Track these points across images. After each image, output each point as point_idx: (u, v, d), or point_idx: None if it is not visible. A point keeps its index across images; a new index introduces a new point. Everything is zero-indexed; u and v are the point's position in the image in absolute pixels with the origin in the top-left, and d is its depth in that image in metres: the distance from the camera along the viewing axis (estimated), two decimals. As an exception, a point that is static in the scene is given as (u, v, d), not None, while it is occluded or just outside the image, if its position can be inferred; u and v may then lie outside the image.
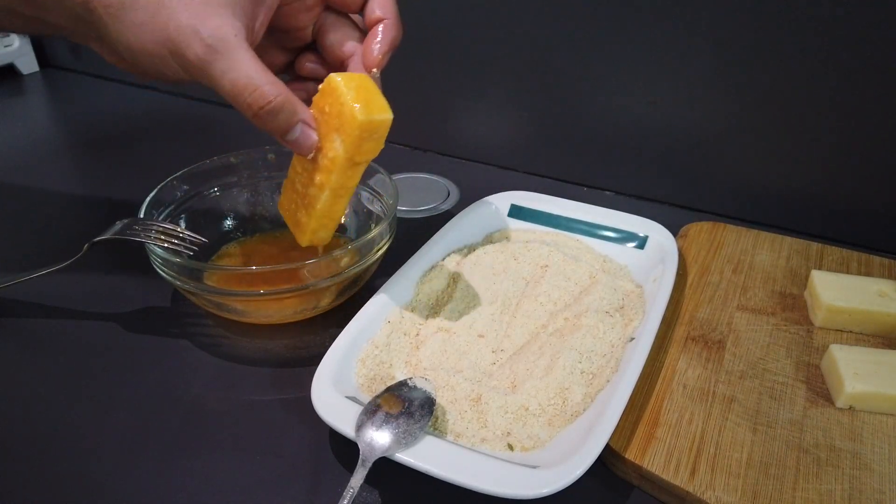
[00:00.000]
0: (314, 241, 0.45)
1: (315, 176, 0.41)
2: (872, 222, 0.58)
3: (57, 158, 0.78)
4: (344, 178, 0.41)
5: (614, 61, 0.62)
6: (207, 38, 0.35)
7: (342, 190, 0.42)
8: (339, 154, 0.39)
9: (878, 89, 0.53)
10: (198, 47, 0.35)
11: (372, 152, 0.40)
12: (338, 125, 0.38)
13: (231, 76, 0.36)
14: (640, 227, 0.55)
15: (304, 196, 0.43)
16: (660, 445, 0.38)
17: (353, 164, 0.40)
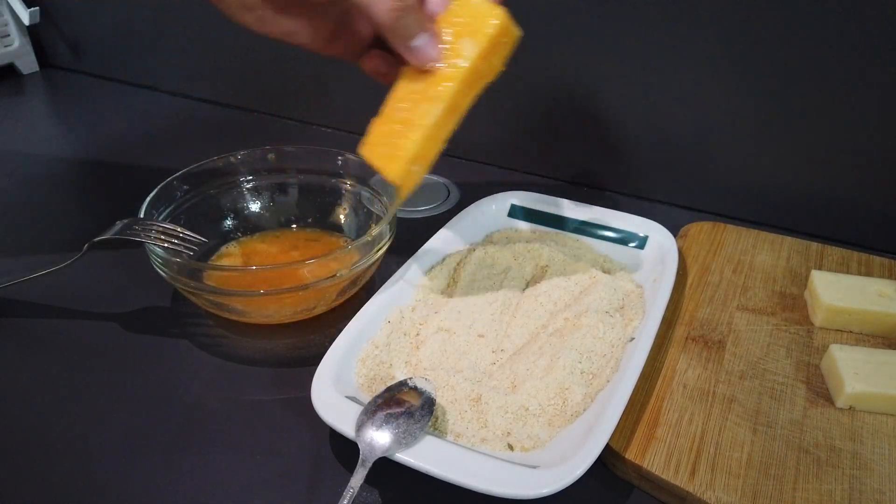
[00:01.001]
0: (406, 178, 0.42)
1: (431, 89, 0.40)
2: (872, 222, 0.58)
3: (57, 158, 0.78)
4: (462, 92, 0.40)
5: (615, 61, 0.62)
6: None
7: (456, 108, 0.40)
8: (468, 58, 0.38)
9: (878, 89, 0.53)
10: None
11: (493, 71, 0.40)
12: (472, 30, 0.38)
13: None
14: (640, 227, 0.55)
15: (409, 119, 0.40)
16: (660, 445, 0.38)
17: (475, 78, 0.40)
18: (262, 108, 0.86)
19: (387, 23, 0.37)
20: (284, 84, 0.83)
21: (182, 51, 0.89)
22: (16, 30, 0.95)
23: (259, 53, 0.82)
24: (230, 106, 0.88)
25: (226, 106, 0.88)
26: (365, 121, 0.82)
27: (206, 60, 0.88)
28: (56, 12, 0.96)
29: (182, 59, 0.89)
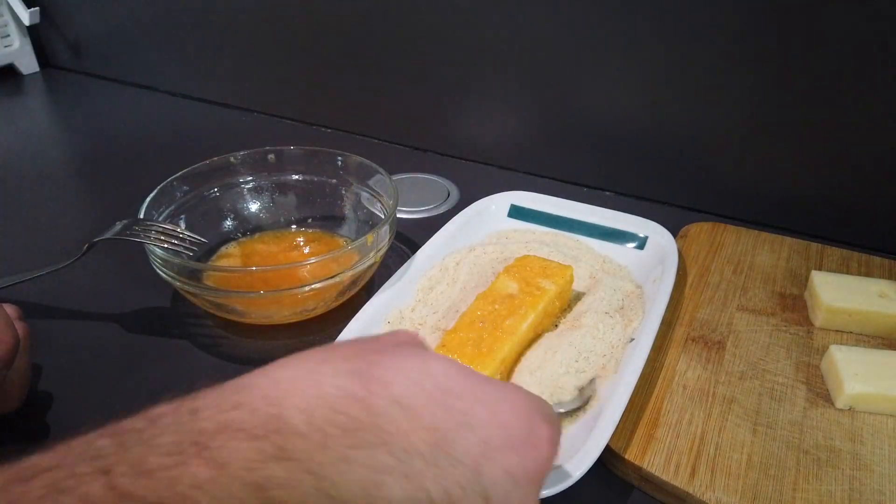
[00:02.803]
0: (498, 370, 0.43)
1: (520, 308, 0.43)
2: (872, 222, 0.58)
3: (57, 159, 0.79)
4: (546, 312, 0.45)
5: (614, 61, 0.62)
6: None
7: (539, 325, 0.45)
8: (551, 289, 0.45)
9: (878, 89, 0.53)
10: None
11: (562, 305, 0.48)
12: (549, 274, 0.46)
13: None
14: (640, 228, 0.55)
15: (495, 330, 0.42)
16: (660, 446, 0.38)
17: (554, 304, 0.46)
18: (262, 108, 0.86)
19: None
20: (284, 84, 0.83)
21: (182, 51, 0.89)
22: (16, 30, 0.95)
23: (259, 53, 0.82)
24: (230, 106, 0.88)
25: (226, 106, 0.88)
26: (365, 121, 0.83)
27: (206, 60, 0.88)
28: (56, 12, 0.96)
29: (182, 59, 0.89)
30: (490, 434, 0.22)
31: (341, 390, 0.20)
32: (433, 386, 0.22)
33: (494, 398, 0.23)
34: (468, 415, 0.22)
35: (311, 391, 0.20)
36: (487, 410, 0.23)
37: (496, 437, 0.22)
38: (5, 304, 0.39)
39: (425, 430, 0.21)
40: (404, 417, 0.21)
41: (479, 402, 0.23)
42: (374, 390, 0.21)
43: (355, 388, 0.21)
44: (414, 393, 0.21)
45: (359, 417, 0.20)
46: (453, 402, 0.22)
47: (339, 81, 0.78)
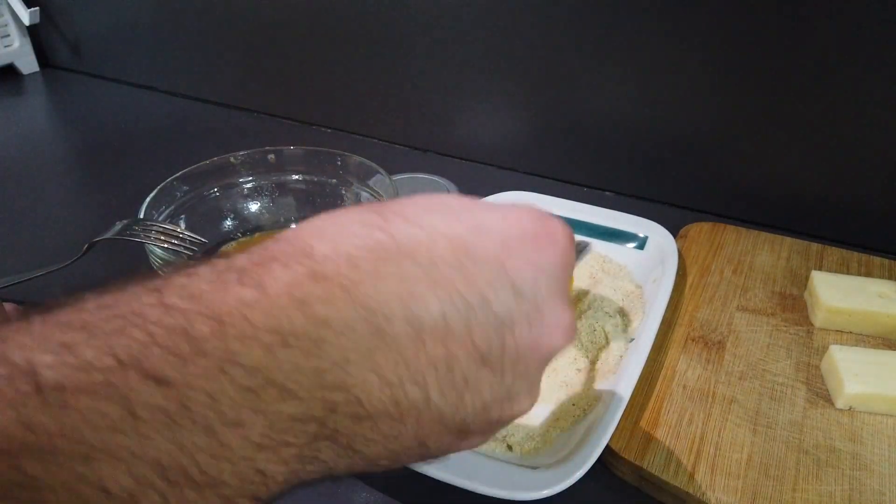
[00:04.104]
0: None
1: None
2: (872, 222, 0.58)
3: (57, 158, 0.78)
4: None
5: (614, 61, 0.62)
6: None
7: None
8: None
9: (878, 89, 0.53)
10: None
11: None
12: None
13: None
14: (640, 228, 0.55)
15: None
16: (660, 446, 0.38)
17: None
18: (262, 108, 0.86)
19: None
20: (284, 84, 0.83)
21: (182, 51, 0.89)
22: (16, 30, 0.95)
23: (259, 53, 0.82)
24: (230, 106, 0.88)
25: (226, 106, 0.88)
26: (365, 121, 0.83)
27: (206, 60, 0.88)
28: (56, 12, 0.96)
29: (182, 59, 0.89)
30: (506, 234, 0.23)
31: (359, 222, 0.21)
32: (444, 206, 0.23)
33: (501, 207, 0.24)
34: (481, 222, 0.23)
35: (332, 228, 0.21)
36: (497, 217, 0.23)
37: (512, 236, 0.23)
38: (5, 304, 0.39)
39: (445, 238, 0.21)
40: (423, 233, 0.21)
41: (489, 211, 0.24)
42: (390, 218, 0.22)
43: (372, 218, 0.22)
44: (426, 213, 0.22)
45: (380, 239, 0.21)
46: (465, 215, 0.23)
47: (339, 81, 0.78)
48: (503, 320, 0.22)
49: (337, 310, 0.19)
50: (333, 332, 0.18)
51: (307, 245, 0.20)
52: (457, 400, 0.21)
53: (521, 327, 0.22)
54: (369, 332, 0.19)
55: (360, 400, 0.19)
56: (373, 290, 0.19)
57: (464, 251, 0.21)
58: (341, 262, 0.20)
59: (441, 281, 0.21)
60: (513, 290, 0.22)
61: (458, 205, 0.24)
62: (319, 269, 0.19)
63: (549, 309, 0.23)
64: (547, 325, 0.23)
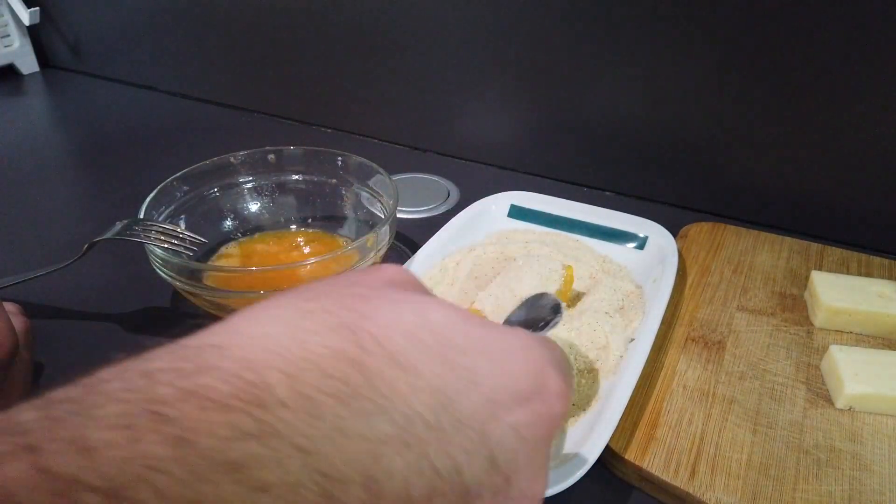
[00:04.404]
0: None
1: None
2: (872, 222, 0.58)
3: (57, 158, 0.79)
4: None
5: (614, 61, 0.62)
6: None
7: None
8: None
9: (878, 89, 0.53)
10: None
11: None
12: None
13: None
14: (639, 228, 0.55)
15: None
16: (660, 446, 0.38)
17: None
18: (262, 108, 0.86)
19: None
20: (284, 84, 0.83)
21: (182, 51, 0.89)
22: (16, 30, 0.95)
23: (259, 53, 0.82)
24: (230, 106, 0.88)
25: (226, 106, 0.88)
26: (365, 121, 0.83)
27: (206, 60, 0.88)
28: (56, 12, 0.96)
29: (182, 59, 0.89)
30: (496, 389, 0.20)
31: (330, 349, 0.18)
32: (433, 340, 0.20)
33: (501, 348, 0.21)
34: (472, 370, 0.20)
35: (294, 351, 0.17)
36: (493, 363, 0.21)
37: (503, 393, 0.20)
38: (5, 302, 0.39)
39: (427, 392, 0.19)
40: (403, 378, 0.18)
41: (483, 354, 0.21)
42: (368, 347, 0.18)
43: (346, 346, 0.18)
44: (412, 349, 0.19)
45: (352, 381, 0.17)
46: (456, 358, 0.20)
47: (339, 81, 0.78)
48: (468, 491, 0.19)
49: (283, 473, 0.15)
50: (273, 497, 0.15)
51: (260, 379, 0.16)
52: None
53: (485, 500, 0.20)
54: (316, 498, 0.16)
55: None
56: (332, 451, 0.16)
57: (446, 408, 0.19)
58: (300, 413, 0.16)
59: (413, 444, 0.18)
60: (488, 461, 0.19)
61: (450, 336, 0.20)
62: (270, 421, 0.15)
63: (519, 482, 0.21)
64: (511, 500, 0.21)
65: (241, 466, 0.14)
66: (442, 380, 0.19)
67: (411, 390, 0.18)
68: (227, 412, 0.15)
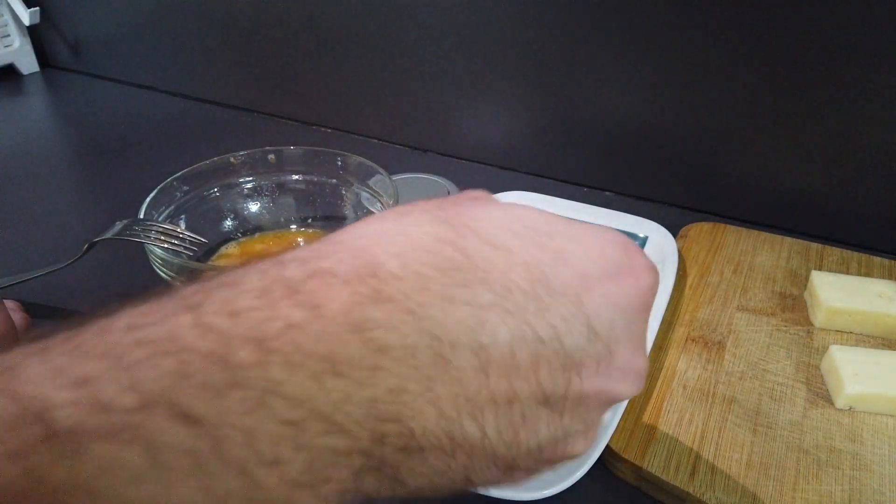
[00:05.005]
0: None
1: None
2: (872, 222, 0.58)
3: (57, 158, 0.78)
4: None
5: (614, 61, 0.62)
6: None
7: None
8: None
9: (878, 89, 0.53)
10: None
11: None
12: None
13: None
14: (640, 228, 0.55)
15: None
16: (659, 446, 0.38)
17: None
18: (262, 108, 0.86)
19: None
20: (284, 84, 0.83)
21: (182, 51, 0.89)
22: (16, 30, 0.95)
23: (259, 53, 0.82)
24: (230, 106, 0.88)
25: (226, 106, 0.88)
26: (365, 121, 0.83)
27: (206, 60, 0.88)
28: (56, 12, 0.96)
29: (182, 59, 0.89)
30: (586, 266, 0.21)
31: (432, 235, 0.20)
32: (522, 227, 0.21)
33: (585, 234, 0.23)
34: (562, 251, 0.21)
35: (400, 239, 0.19)
36: (581, 245, 0.22)
37: (592, 268, 0.21)
38: (6, 301, 0.39)
39: (522, 266, 0.20)
40: (499, 256, 0.20)
41: (570, 238, 0.22)
42: (464, 233, 0.20)
43: (445, 233, 0.20)
44: (504, 234, 0.21)
45: (454, 258, 0.19)
46: (545, 241, 0.21)
47: (339, 81, 0.78)
48: (572, 359, 0.20)
49: (399, 336, 0.17)
50: (392, 359, 0.17)
51: (373, 259, 0.18)
52: (512, 438, 0.19)
53: (590, 369, 0.21)
54: (431, 361, 0.17)
55: (412, 432, 0.17)
56: (441, 316, 0.18)
57: (541, 281, 0.20)
58: (410, 282, 0.18)
59: (514, 311, 0.19)
60: (587, 328, 0.20)
61: (537, 224, 0.22)
62: (385, 290, 0.17)
63: (621, 352, 0.21)
64: (616, 370, 0.21)
65: (362, 329, 0.16)
66: (534, 257, 0.20)
67: (507, 265, 0.20)
68: (347, 285, 0.17)
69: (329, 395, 0.16)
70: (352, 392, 0.16)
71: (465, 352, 0.18)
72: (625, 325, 0.22)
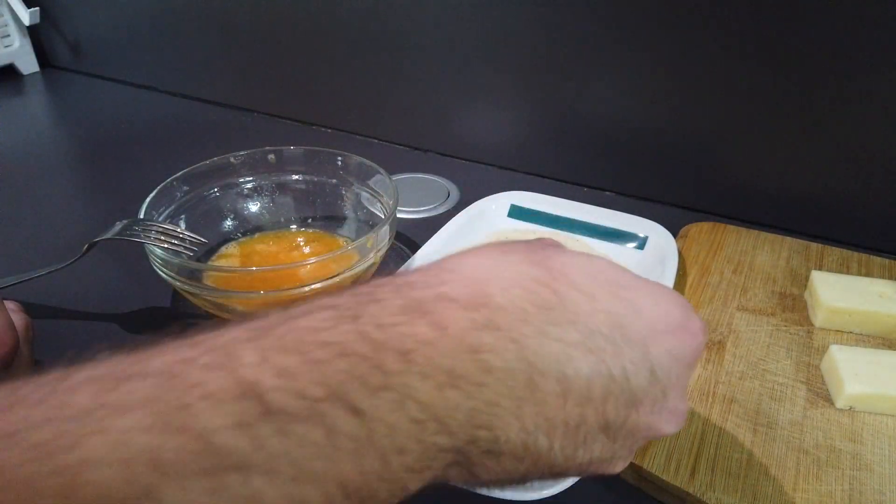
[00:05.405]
0: None
1: None
2: (872, 222, 0.58)
3: (57, 158, 0.79)
4: None
5: (614, 61, 0.62)
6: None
7: None
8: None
9: (878, 89, 0.53)
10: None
11: None
12: None
13: None
14: (640, 228, 0.55)
15: None
16: (660, 446, 0.38)
17: None
18: (262, 108, 0.86)
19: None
20: (284, 84, 0.83)
21: (182, 51, 0.89)
22: (16, 30, 0.95)
23: (259, 53, 0.82)
24: (230, 106, 0.88)
25: (226, 106, 0.88)
26: (365, 121, 0.83)
27: (206, 60, 0.88)
28: (56, 12, 0.96)
29: (182, 59, 0.89)
30: (654, 321, 0.25)
31: (530, 276, 0.23)
32: (603, 278, 0.25)
33: (654, 291, 0.26)
34: (635, 303, 0.25)
35: (506, 274, 0.23)
36: (650, 300, 0.25)
37: (659, 323, 0.25)
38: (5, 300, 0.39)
39: (603, 313, 0.23)
40: (585, 301, 0.23)
41: (642, 293, 0.25)
42: (557, 277, 0.23)
43: (541, 275, 0.23)
44: (590, 282, 0.24)
45: (549, 299, 0.22)
46: (622, 292, 0.25)
47: (339, 81, 0.78)
48: (635, 397, 0.23)
49: (503, 360, 0.20)
50: (494, 378, 0.20)
51: (484, 291, 0.22)
52: (571, 454, 0.23)
53: (646, 407, 0.24)
54: (524, 384, 0.21)
55: (497, 439, 0.21)
56: (537, 347, 0.21)
57: (618, 328, 0.23)
58: (515, 315, 0.21)
59: (595, 351, 0.22)
60: (650, 373, 0.24)
61: (616, 278, 0.25)
62: (495, 319, 0.21)
63: (671, 396, 0.25)
64: (666, 411, 0.25)
65: (476, 350, 0.20)
66: (614, 307, 0.24)
67: (592, 310, 0.23)
68: (466, 311, 0.21)
69: (446, 402, 0.19)
70: (461, 402, 0.19)
71: (551, 380, 0.21)
72: (678, 375, 0.25)
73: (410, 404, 0.19)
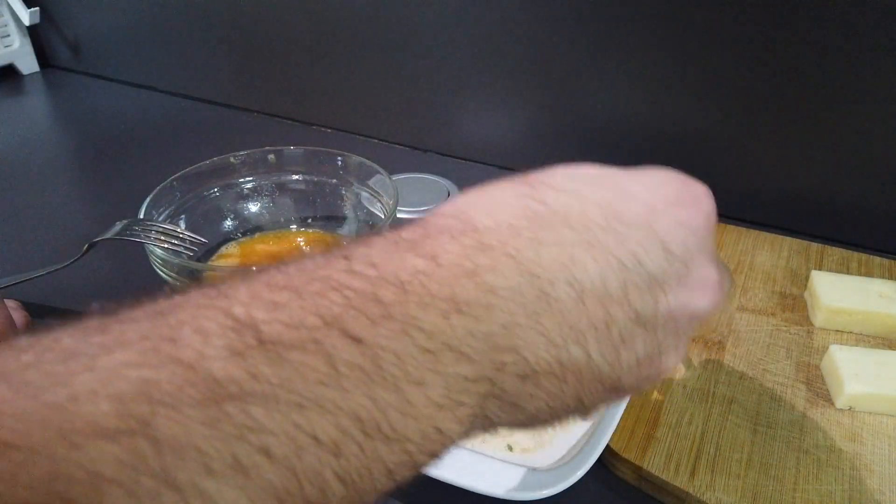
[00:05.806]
0: None
1: None
2: (872, 222, 0.58)
3: (57, 158, 0.79)
4: None
5: (614, 61, 0.62)
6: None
7: None
8: None
9: (877, 89, 0.53)
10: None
11: None
12: None
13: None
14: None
15: None
16: (659, 446, 0.38)
17: None
18: (262, 108, 0.86)
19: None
20: (284, 84, 0.83)
21: (182, 51, 0.89)
22: (16, 30, 0.95)
23: (259, 53, 0.82)
24: (230, 106, 0.88)
25: (226, 106, 0.88)
26: (365, 121, 0.83)
27: (206, 60, 0.88)
28: (56, 12, 0.96)
29: (182, 59, 0.89)
30: (651, 199, 0.24)
31: (512, 193, 0.23)
32: (588, 176, 0.24)
33: (643, 174, 0.25)
34: (626, 189, 0.24)
35: (487, 200, 0.23)
36: (641, 183, 0.24)
37: (658, 200, 0.24)
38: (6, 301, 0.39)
39: (594, 205, 0.22)
40: (573, 200, 0.22)
41: (630, 179, 0.24)
42: (538, 187, 0.23)
43: (523, 189, 0.23)
44: (574, 182, 0.23)
45: (536, 208, 0.22)
46: (610, 182, 0.24)
47: (339, 81, 0.78)
48: (656, 279, 0.22)
49: (504, 277, 0.20)
50: (501, 298, 0.20)
51: (470, 219, 0.21)
52: (614, 358, 0.22)
53: (672, 286, 0.23)
54: (535, 297, 0.20)
55: (526, 360, 0.20)
56: (535, 256, 0.21)
57: (613, 215, 0.22)
58: (504, 232, 0.21)
59: (596, 244, 0.22)
60: (663, 250, 0.23)
61: (600, 174, 0.25)
62: (485, 240, 0.21)
63: (696, 267, 0.24)
64: (695, 283, 0.24)
65: (474, 273, 0.20)
66: (604, 197, 0.23)
67: (581, 206, 0.22)
68: (455, 239, 0.20)
69: (455, 330, 0.19)
70: (472, 327, 0.19)
71: (562, 286, 0.21)
72: (697, 243, 0.24)
73: (415, 333, 0.18)
